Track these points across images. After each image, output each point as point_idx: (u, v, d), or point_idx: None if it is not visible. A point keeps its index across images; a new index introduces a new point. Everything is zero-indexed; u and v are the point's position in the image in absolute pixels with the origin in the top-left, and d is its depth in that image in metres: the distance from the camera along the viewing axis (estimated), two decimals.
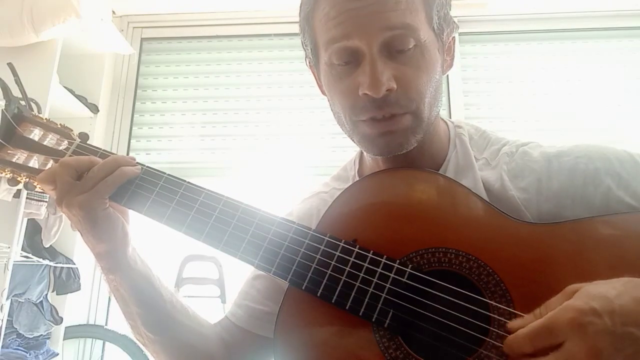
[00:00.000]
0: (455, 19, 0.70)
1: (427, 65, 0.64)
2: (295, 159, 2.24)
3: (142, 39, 2.47)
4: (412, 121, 0.64)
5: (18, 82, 0.78)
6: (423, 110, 0.64)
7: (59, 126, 0.75)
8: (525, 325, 0.47)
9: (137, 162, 0.70)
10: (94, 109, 2.18)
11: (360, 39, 0.61)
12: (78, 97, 2.08)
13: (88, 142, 0.74)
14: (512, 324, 0.50)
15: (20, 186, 0.71)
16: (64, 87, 1.97)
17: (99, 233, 0.65)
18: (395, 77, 0.61)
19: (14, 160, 0.71)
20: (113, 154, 0.71)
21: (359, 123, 0.66)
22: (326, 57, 0.65)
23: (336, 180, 0.81)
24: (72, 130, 0.75)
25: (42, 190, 0.69)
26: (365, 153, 0.75)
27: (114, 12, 2.41)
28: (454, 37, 0.70)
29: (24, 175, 0.71)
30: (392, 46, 0.62)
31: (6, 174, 0.70)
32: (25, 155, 0.71)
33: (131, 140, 2.33)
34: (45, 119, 0.75)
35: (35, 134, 0.73)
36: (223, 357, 0.76)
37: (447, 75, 2.23)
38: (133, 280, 0.69)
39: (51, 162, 0.70)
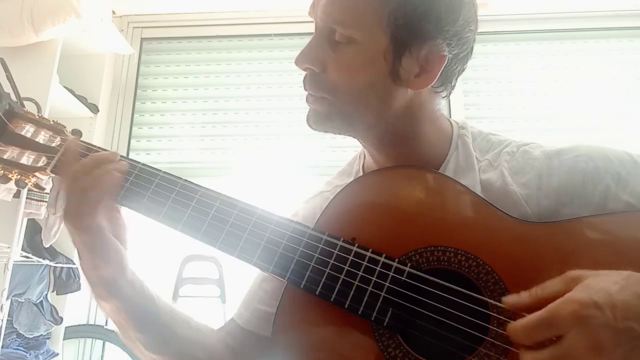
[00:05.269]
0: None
1: (357, 65, 0.64)
2: (295, 159, 2.24)
3: (142, 39, 2.47)
4: (326, 108, 0.67)
5: (10, 78, 0.77)
6: (339, 104, 0.66)
7: (52, 123, 0.73)
8: (519, 303, 0.47)
9: (131, 160, 0.69)
10: (94, 109, 2.18)
11: (311, 13, 0.67)
12: (78, 97, 2.09)
13: (81, 139, 0.72)
14: (506, 299, 0.51)
15: (12, 183, 0.70)
16: (64, 87, 1.97)
17: (93, 258, 0.62)
18: (323, 61, 0.65)
19: (5, 156, 0.70)
20: (107, 151, 0.70)
21: None
22: None
23: (341, 175, 0.82)
24: (65, 127, 0.73)
25: (36, 189, 0.68)
26: (365, 150, 0.76)
27: (114, 12, 2.41)
28: (444, 55, 0.62)
29: (15, 172, 0.69)
30: (330, 33, 0.64)
31: None
32: (17, 152, 0.70)
33: (131, 140, 2.33)
34: (38, 115, 0.74)
35: (28, 131, 0.71)
36: None
37: None
38: (131, 306, 0.65)
39: (44, 158, 0.69)
